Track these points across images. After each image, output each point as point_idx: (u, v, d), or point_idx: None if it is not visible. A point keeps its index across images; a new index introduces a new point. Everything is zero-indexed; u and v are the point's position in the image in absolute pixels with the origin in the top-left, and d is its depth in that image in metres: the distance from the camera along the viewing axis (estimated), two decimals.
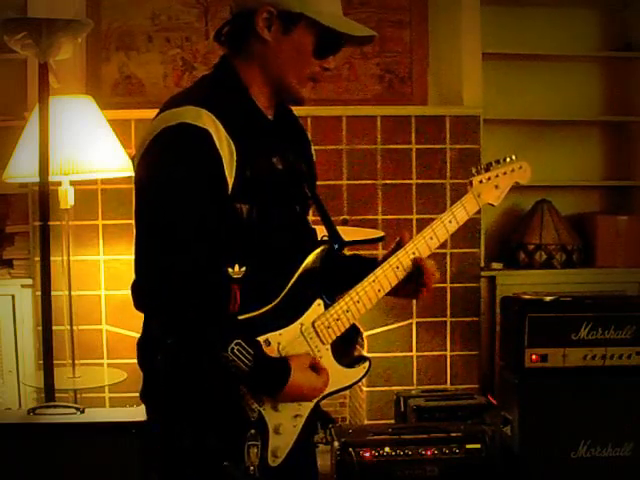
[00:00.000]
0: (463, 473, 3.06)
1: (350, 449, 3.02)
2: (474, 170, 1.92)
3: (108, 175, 3.30)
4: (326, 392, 1.78)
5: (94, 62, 3.99)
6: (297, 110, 4.27)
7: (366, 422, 3.89)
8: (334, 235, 1.87)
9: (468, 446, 3.08)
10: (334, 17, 1.72)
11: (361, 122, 3.90)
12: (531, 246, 4.15)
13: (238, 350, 1.59)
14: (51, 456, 2.49)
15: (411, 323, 3.93)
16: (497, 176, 1.91)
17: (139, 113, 3.70)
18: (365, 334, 3.87)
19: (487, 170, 1.92)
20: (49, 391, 3.03)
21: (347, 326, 1.79)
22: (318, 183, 1.96)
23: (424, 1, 4.13)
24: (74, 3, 3.69)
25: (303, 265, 1.76)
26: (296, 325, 1.74)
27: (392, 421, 3.66)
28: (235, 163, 1.64)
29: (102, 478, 2.50)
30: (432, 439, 3.09)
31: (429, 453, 3.05)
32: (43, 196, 3.06)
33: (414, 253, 1.84)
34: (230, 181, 1.64)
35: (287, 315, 1.73)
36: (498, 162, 1.94)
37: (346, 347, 1.86)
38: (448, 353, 3.95)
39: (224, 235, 1.66)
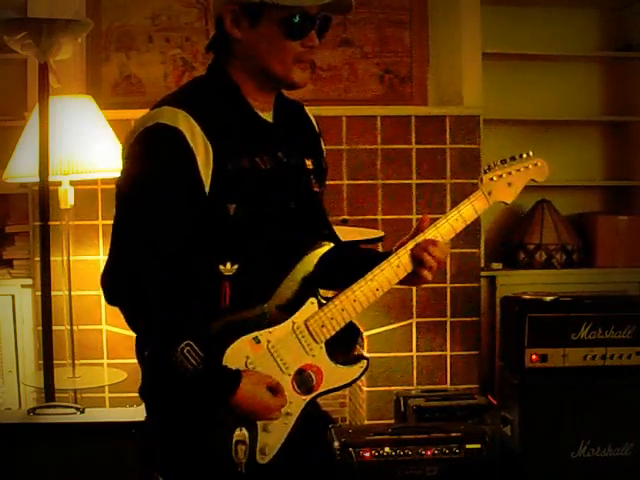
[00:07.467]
0: (463, 473, 3.06)
1: (350, 449, 3.02)
2: (486, 167, 1.83)
3: (108, 175, 3.29)
4: (321, 390, 1.75)
5: (94, 62, 3.99)
6: None
7: (366, 422, 3.89)
8: (332, 235, 1.89)
9: (468, 446, 3.08)
10: None
11: (361, 122, 3.89)
12: (531, 246, 4.14)
13: (187, 351, 1.59)
14: (51, 456, 2.49)
15: (411, 323, 3.93)
16: (510, 173, 1.82)
17: (139, 113, 3.66)
18: (365, 334, 3.86)
19: (500, 167, 1.83)
20: (49, 391, 3.03)
21: (342, 325, 1.74)
22: None
23: (424, 1, 4.13)
24: (74, 3, 3.69)
25: (297, 265, 1.74)
26: (288, 323, 1.71)
27: (392, 421, 3.66)
28: (212, 162, 1.65)
29: (102, 478, 2.50)
30: (432, 439, 3.08)
31: (429, 453, 3.04)
32: (43, 196, 3.06)
33: None
34: (207, 179, 1.65)
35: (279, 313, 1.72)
36: (513, 159, 1.84)
37: (345, 346, 1.82)
38: (448, 353, 3.95)
39: (209, 232, 1.67)
